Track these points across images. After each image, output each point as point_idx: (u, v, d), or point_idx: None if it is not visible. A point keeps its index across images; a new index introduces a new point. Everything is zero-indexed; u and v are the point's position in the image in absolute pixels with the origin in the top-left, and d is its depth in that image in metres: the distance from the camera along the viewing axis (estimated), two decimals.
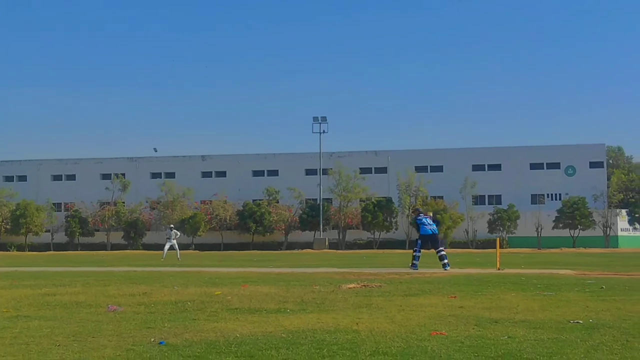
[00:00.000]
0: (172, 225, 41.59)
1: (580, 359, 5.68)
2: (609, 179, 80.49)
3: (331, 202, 77.85)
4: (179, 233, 39.75)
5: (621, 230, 75.68)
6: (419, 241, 21.08)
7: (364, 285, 13.89)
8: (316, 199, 77.19)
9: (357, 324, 7.83)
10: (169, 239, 37.83)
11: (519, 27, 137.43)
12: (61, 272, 20.58)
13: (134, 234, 76.86)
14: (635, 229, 75.26)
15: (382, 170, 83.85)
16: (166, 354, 5.95)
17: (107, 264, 29.74)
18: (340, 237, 75.66)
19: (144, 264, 30.03)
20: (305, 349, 6.14)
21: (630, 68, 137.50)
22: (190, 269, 22.09)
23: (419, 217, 21.55)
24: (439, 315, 8.68)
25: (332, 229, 77.02)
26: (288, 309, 9.49)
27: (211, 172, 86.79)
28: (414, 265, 20.29)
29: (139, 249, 73.41)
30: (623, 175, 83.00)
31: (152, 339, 6.71)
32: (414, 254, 20.80)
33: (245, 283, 14.55)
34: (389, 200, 75.10)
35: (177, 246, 37.62)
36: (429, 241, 21.05)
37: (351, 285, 13.80)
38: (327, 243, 72.68)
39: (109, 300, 10.71)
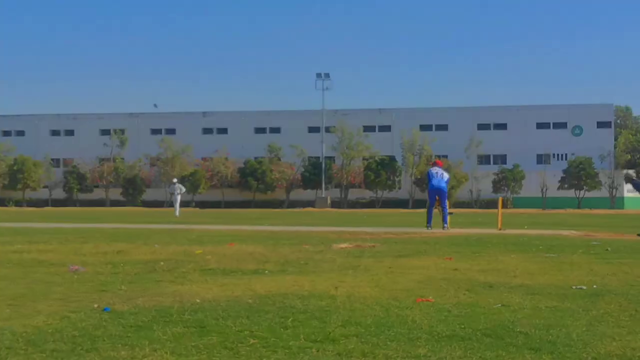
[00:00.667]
0: (175, 180, 40.46)
1: (581, 333, 4.96)
2: (616, 139, 79.50)
3: (334, 160, 77.21)
4: (183, 188, 38.61)
5: (627, 191, 74.88)
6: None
7: (357, 246, 13.24)
8: (319, 157, 76.50)
9: (336, 288, 7.13)
10: (172, 194, 36.87)
11: None
12: (45, 228, 19.97)
13: (132, 190, 76.44)
14: None
15: (386, 128, 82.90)
16: (104, 323, 5.24)
17: (100, 221, 29.15)
18: (343, 196, 75.14)
19: (139, 220, 29.48)
20: (268, 318, 5.44)
21: (636, 31, 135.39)
22: (182, 227, 21.48)
23: (430, 170, 20.79)
24: (430, 279, 7.99)
25: (335, 188, 76.52)
26: (267, 270, 8.81)
27: (212, 129, 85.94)
28: (428, 225, 19.58)
29: (139, 206, 73.02)
30: (631, 136, 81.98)
31: (96, 305, 6.01)
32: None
33: (233, 241, 13.92)
34: (392, 158, 74.37)
35: (177, 202, 36.71)
36: (436, 196, 20.30)
37: (343, 245, 13.15)
38: (329, 202, 72.22)
39: (77, 259, 10.05)
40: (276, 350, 4.47)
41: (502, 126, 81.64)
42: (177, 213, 35.93)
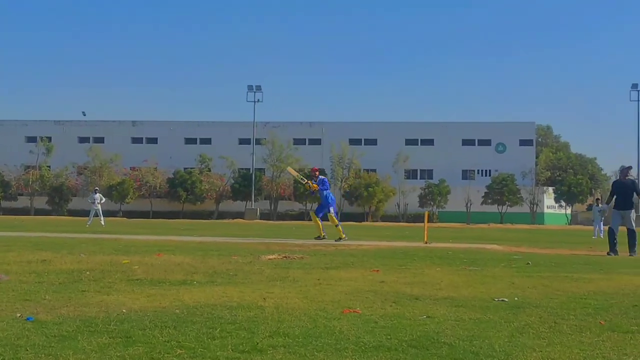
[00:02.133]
0: (96, 188, 39.80)
1: (503, 344, 5.06)
2: (537, 156, 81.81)
3: (264, 172, 77.04)
4: (103, 198, 38.11)
5: (547, 207, 77.15)
6: (332, 207, 20.52)
7: (285, 257, 13.21)
8: (249, 169, 76.25)
9: (264, 299, 7.10)
10: (93, 203, 36.31)
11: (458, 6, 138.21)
12: None
13: (59, 199, 74.66)
14: (560, 206, 76.74)
15: (316, 141, 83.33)
16: (27, 332, 5.08)
17: (23, 229, 28.31)
18: (272, 208, 75.02)
19: (63, 229, 28.75)
20: (196, 329, 5.37)
21: (561, 48, 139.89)
22: (109, 236, 21.03)
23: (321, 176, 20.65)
24: (357, 291, 8.02)
25: (264, 200, 76.35)
26: (195, 281, 8.70)
27: (142, 139, 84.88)
28: (345, 237, 19.66)
29: (64, 215, 71.32)
30: (551, 154, 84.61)
31: (19, 315, 5.83)
32: (339, 224, 20.22)
33: (161, 252, 13.70)
34: (322, 171, 74.69)
35: (100, 212, 36.22)
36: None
37: (272, 257, 13.11)
38: (258, 213, 71.98)
39: (0, 268, 9.71)
40: None
41: (429, 142, 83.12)
42: (103, 222, 35.30)
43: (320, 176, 20.69)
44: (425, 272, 10.42)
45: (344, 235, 19.67)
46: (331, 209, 20.24)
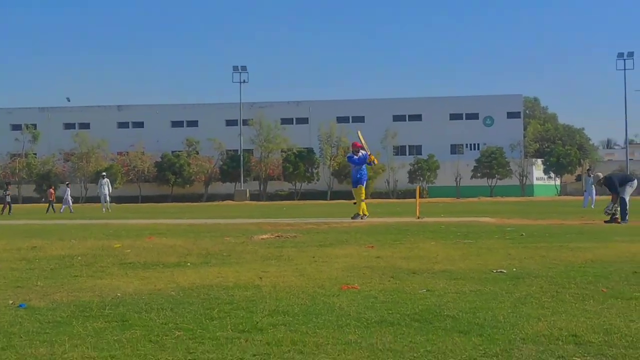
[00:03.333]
0: (104, 173, 38.47)
1: (507, 315, 4.99)
2: (525, 129, 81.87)
3: (252, 153, 76.78)
4: (111, 186, 36.68)
5: (536, 179, 77.33)
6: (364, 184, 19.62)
7: (278, 236, 13.13)
8: (237, 150, 75.93)
9: (260, 278, 7.01)
10: (102, 186, 35.12)
11: None
12: None
13: (46, 186, 74.12)
14: (549, 177, 76.96)
15: (304, 120, 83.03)
16: (20, 319, 4.97)
17: (11, 218, 28.13)
18: (262, 189, 74.84)
19: (52, 217, 28.59)
20: (193, 310, 5.27)
21: (546, 18, 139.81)
22: (98, 221, 20.91)
23: (354, 156, 19.74)
24: (353, 267, 7.96)
25: (254, 180, 76.13)
26: (189, 263, 8.61)
27: (128, 123, 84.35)
28: (356, 215, 18.94)
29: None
30: (539, 126, 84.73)
31: (11, 302, 5.71)
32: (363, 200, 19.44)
33: (152, 235, 13.60)
34: (310, 151, 74.44)
35: (108, 197, 35.20)
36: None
37: (264, 236, 13.02)
38: (248, 195, 71.78)
39: None
40: (203, 342, 4.32)
41: (417, 117, 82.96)
42: (110, 207, 34.54)
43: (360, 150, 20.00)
44: (420, 247, 10.37)
45: (367, 213, 19.11)
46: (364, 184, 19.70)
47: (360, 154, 19.76)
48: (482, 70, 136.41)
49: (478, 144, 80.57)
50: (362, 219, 18.48)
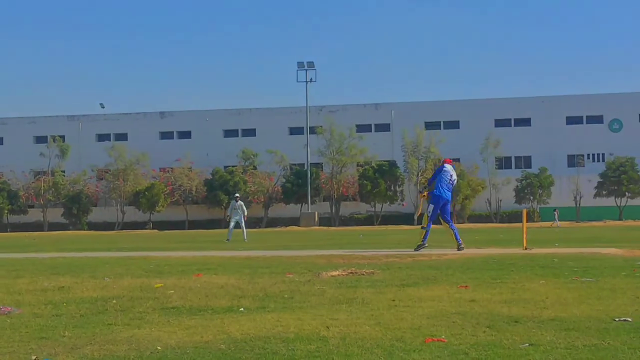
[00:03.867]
0: (237, 195, 39.14)
1: None
2: None
3: (321, 168, 77.34)
4: (245, 209, 37.12)
5: None
6: (432, 206, 19.36)
7: (352, 272, 13.25)
8: (303, 164, 76.60)
9: (327, 327, 7.13)
10: (235, 210, 35.70)
11: None
12: None
13: (76, 210, 76.22)
14: None
15: (384, 127, 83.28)
16: None
17: (36, 249, 29.01)
18: (333, 211, 75.23)
19: (83, 247, 29.35)
20: None
21: None
22: (137, 254, 21.43)
23: (443, 168, 19.73)
24: (442, 313, 8.00)
25: (324, 201, 76.61)
26: (242, 307, 8.80)
27: (172, 133, 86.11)
28: (422, 245, 19.07)
29: (84, 229, 72.81)
30: None
31: (34, 357, 5.98)
32: (427, 227, 19.39)
33: (200, 271, 13.92)
34: (392, 164, 74.59)
35: (244, 222, 35.72)
36: (442, 209, 19.74)
37: (335, 273, 13.16)
38: (316, 218, 72.31)
39: (10, 299, 10.00)
40: None
41: (525, 122, 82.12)
42: (245, 237, 35.03)
43: (444, 166, 20.04)
44: (526, 287, 10.34)
45: (421, 241, 19.17)
46: (430, 207, 19.66)
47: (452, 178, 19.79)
48: (606, 63, 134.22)
49: (603, 154, 79.18)
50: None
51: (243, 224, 35.37)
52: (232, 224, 35.47)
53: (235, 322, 7.61)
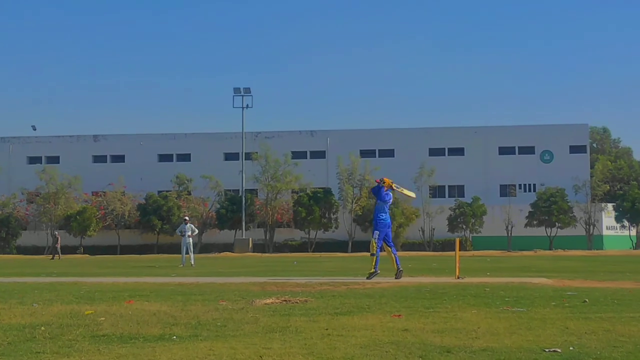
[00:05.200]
0: (186, 218, 38.55)
1: None
2: (592, 166, 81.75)
3: (256, 194, 77.14)
4: (196, 230, 36.72)
5: (606, 228, 76.97)
6: (377, 232, 19.11)
7: (285, 300, 13.24)
8: (238, 190, 76.34)
9: (261, 357, 7.11)
10: (183, 235, 35.14)
11: None
12: None
13: (5, 233, 74.81)
14: (623, 226, 76.54)
15: (320, 154, 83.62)
16: None
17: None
18: (268, 238, 75.03)
19: (11, 272, 28.85)
20: None
21: (615, 38, 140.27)
22: (68, 279, 21.14)
23: (384, 190, 19.40)
24: (375, 342, 8.04)
25: (258, 228, 76.38)
26: (175, 335, 8.73)
27: (105, 156, 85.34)
28: (374, 273, 18.89)
29: (12, 253, 71.55)
30: (609, 162, 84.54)
31: None
32: (376, 253, 18.90)
33: (132, 298, 13.77)
34: (327, 191, 74.75)
35: (192, 246, 35.18)
36: (386, 234, 19.30)
37: (268, 301, 13.14)
38: (251, 244, 72.05)
39: None
40: None
41: (458, 151, 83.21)
42: (193, 261, 34.56)
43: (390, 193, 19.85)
44: (459, 316, 10.43)
45: (373, 269, 18.95)
46: (375, 234, 19.40)
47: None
48: (538, 95, 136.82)
49: (534, 185, 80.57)
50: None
51: (191, 248, 35.12)
52: (184, 249, 35.13)
53: (167, 351, 7.54)
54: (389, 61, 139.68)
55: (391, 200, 20.02)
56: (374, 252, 19.06)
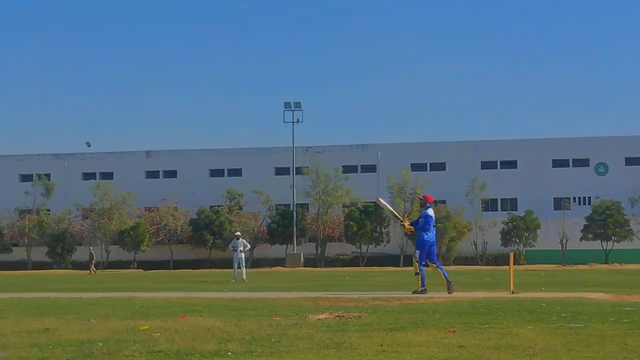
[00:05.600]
0: (238, 233, 38.52)
1: None
2: None
3: (307, 209, 77.24)
4: (248, 245, 36.89)
5: None
6: (418, 251, 19.39)
7: (338, 316, 13.20)
8: (289, 205, 76.51)
9: None
10: (235, 251, 35.22)
11: None
12: None
13: (61, 249, 75.81)
14: None
15: (371, 168, 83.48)
16: None
17: (19, 289, 28.78)
18: (319, 252, 75.07)
19: (67, 287, 29.17)
20: None
21: None
22: (122, 294, 21.31)
23: (428, 213, 19.65)
24: (430, 359, 7.98)
25: (309, 242, 76.46)
26: (229, 351, 8.75)
27: (158, 172, 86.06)
28: (423, 291, 18.98)
29: (68, 268, 72.45)
30: None
31: None
32: (420, 272, 19.17)
33: (186, 313, 13.83)
34: (378, 205, 74.50)
35: (244, 262, 35.30)
36: (429, 251, 19.50)
37: (321, 316, 13.11)
38: (302, 259, 72.13)
39: None
40: None
41: (511, 164, 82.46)
42: (245, 276, 34.68)
43: (428, 208, 20.03)
44: (514, 332, 10.31)
45: (421, 288, 19.10)
46: (416, 253, 19.63)
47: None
48: (593, 106, 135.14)
49: (589, 197, 79.48)
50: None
51: (243, 263, 35.12)
52: (236, 264, 35.11)
53: None
54: (437, 74, 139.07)
55: (433, 219, 19.93)
56: (418, 272, 19.26)
